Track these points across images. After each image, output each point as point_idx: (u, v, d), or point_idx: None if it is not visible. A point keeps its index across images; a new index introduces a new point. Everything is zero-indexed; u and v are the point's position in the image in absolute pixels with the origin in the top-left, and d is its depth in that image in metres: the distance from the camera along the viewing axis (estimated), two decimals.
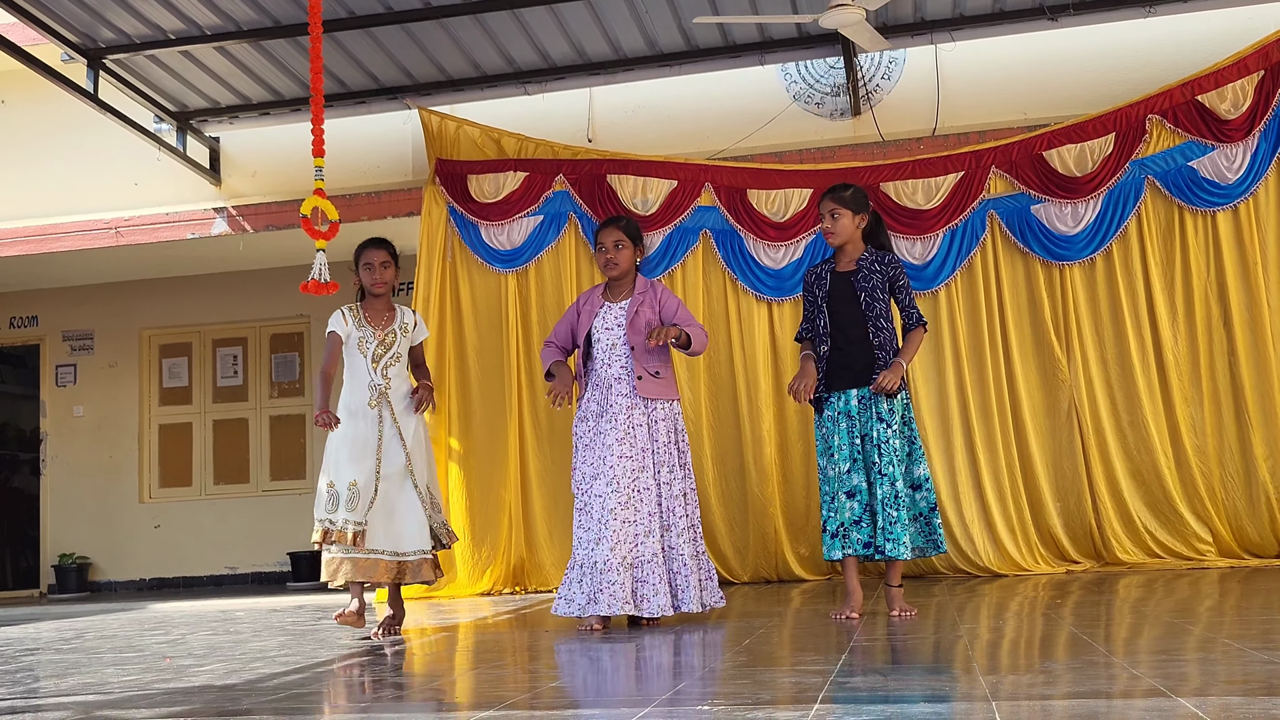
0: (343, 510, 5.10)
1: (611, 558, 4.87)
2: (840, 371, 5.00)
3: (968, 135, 7.85)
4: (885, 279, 5.00)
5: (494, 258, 7.99)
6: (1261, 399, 7.09)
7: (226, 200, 8.96)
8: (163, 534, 11.27)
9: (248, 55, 7.94)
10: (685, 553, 5.02)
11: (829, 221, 5.06)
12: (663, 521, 5.03)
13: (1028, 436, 7.33)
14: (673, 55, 8.11)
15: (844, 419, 4.94)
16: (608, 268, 5.25)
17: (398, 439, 5.24)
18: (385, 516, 5.15)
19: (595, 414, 5.12)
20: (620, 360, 5.13)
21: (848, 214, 5.04)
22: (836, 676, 3.20)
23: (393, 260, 5.45)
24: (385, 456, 5.18)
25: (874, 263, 5.03)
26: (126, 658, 4.76)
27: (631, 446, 5.01)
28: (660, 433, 5.09)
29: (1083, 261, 7.36)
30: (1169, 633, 3.98)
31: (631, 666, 3.83)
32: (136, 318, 11.55)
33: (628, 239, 5.24)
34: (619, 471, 4.96)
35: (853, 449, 4.91)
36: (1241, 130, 7.21)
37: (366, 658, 4.40)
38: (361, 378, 5.32)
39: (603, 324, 5.20)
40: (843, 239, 5.06)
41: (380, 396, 5.28)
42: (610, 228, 5.29)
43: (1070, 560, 7.19)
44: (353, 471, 5.13)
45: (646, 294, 5.24)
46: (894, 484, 4.83)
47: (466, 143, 8.15)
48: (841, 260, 5.11)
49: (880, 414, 4.90)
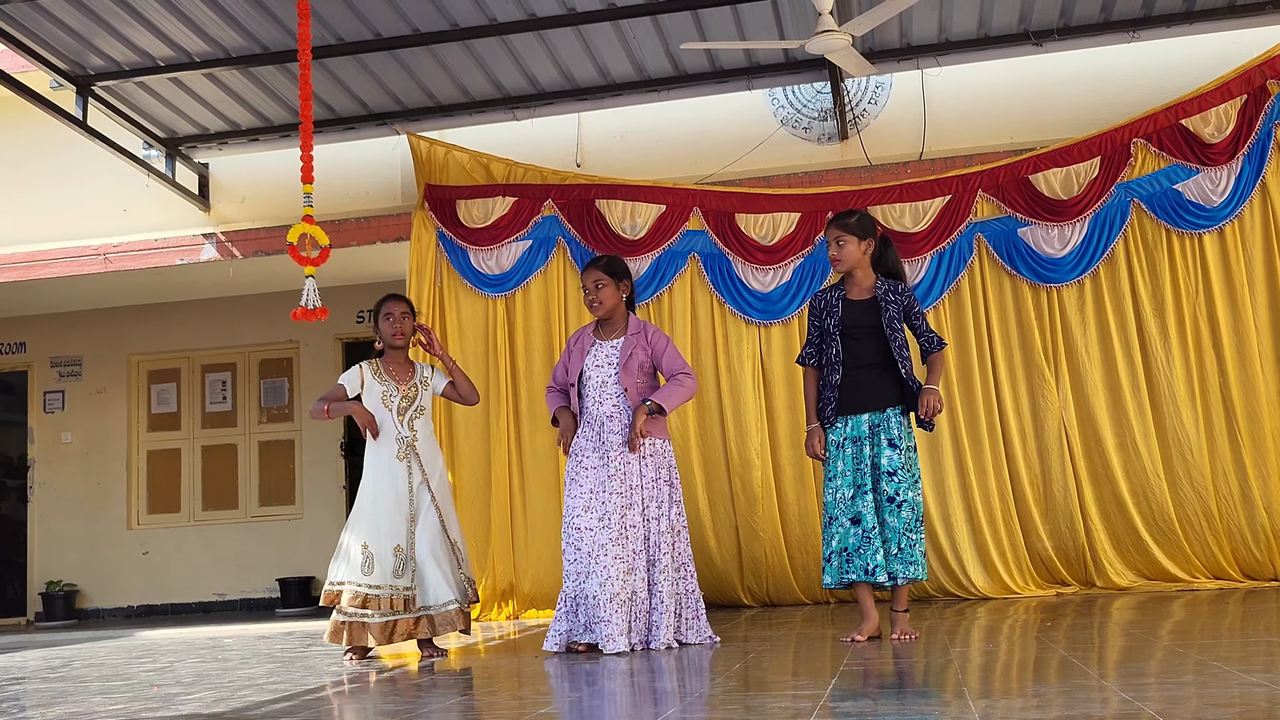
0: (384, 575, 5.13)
1: (601, 594, 4.91)
2: (853, 398, 5.00)
3: (954, 159, 7.89)
4: (900, 308, 5.03)
5: (483, 282, 7.99)
6: (1250, 421, 7.11)
7: (215, 226, 8.96)
8: (151, 561, 11.21)
9: (237, 82, 7.96)
10: (664, 590, 5.04)
11: (835, 249, 5.08)
12: (649, 557, 5.07)
13: (1017, 459, 7.34)
14: (660, 80, 8.14)
15: (850, 444, 4.95)
16: (593, 308, 5.32)
17: (427, 491, 5.27)
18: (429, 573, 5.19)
19: (585, 449, 5.17)
20: (611, 399, 5.18)
21: (853, 240, 5.06)
22: (827, 701, 3.20)
23: (411, 312, 5.46)
24: (418, 513, 5.22)
25: (889, 292, 5.05)
26: (114, 686, 4.73)
27: (622, 483, 5.07)
28: (649, 469, 5.14)
29: (1070, 284, 7.39)
30: (1162, 656, 3.98)
31: (622, 693, 3.81)
32: (125, 344, 11.53)
33: (608, 277, 5.27)
34: (610, 508, 5.01)
35: (858, 475, 4.91)
36: (1225, 154, 7.26)
37: (355, 685, 4.38)
38: (389, 431, 5.31)
39: (594, 362, 5.26)
40: (849, 265, 5.08)
41: (408, 449, 5.30)
42: (591, 269, 5.34)
43: (1061, 583, 7.19)
44: (394, 533, 5.17)
45: (639, 335, 5.29)
46: (913, 509, 4.86)
47: (455, 168, 8.17)
48: (853, 288, 5.12)
49: (892, 440, 4.91)
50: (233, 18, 7.16)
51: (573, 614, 5.08)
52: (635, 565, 5.01)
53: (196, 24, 7.22)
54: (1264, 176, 7.24)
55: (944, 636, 5.05)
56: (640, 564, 5.03)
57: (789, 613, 6.96)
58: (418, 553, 5.18)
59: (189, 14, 7.12)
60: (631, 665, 4.50)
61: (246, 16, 7.16)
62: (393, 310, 5.42)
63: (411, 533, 5.18)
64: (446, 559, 5.23)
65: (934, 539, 7.27)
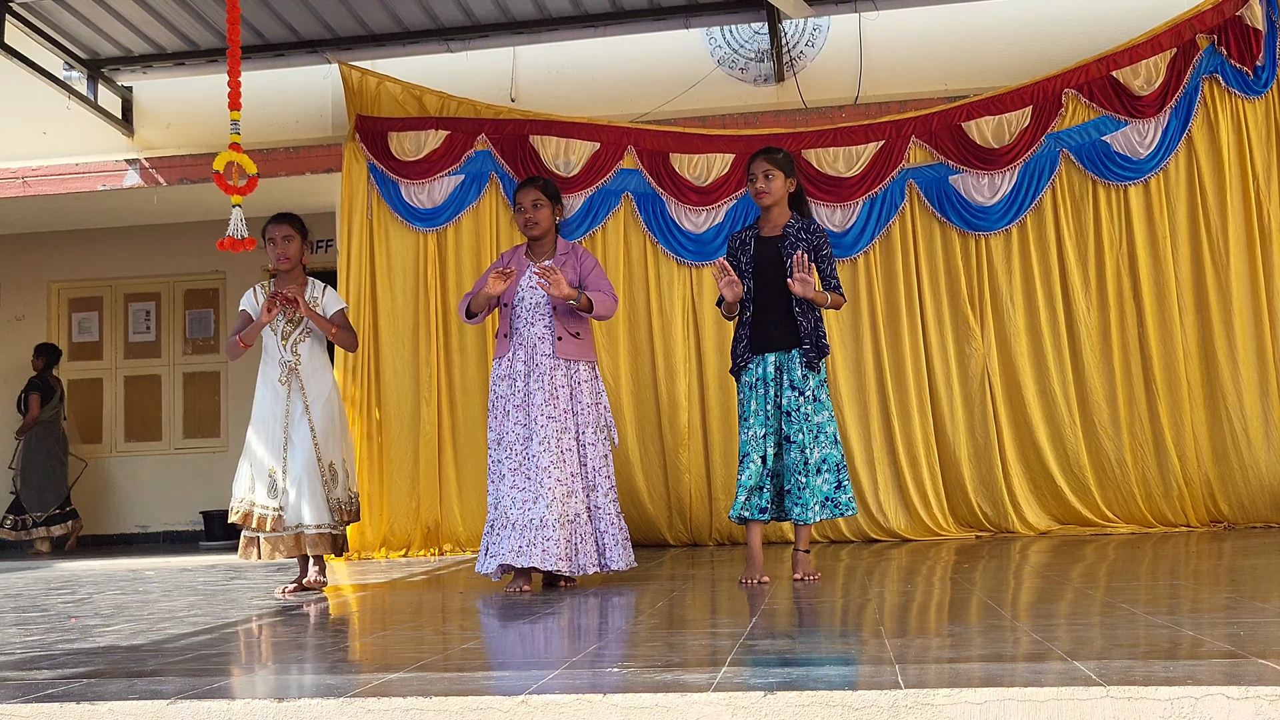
0: (262, 495, 5.25)
1: (548, 514, 4.91)
2: (760, 337, 5.03)
3: (889, 105, 7.91)
4: (810, 247, 5.02)
5: (414, 216, 7.90)
6: (1167, 371, 7.26)
7: (139, 152, 8.74)
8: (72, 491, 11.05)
9: (162, 3, 7.73)
10: (611, 511, 5.10)
11: (762, 182, 5.06)
12: (587, 482, 5.08)
13: (941, 403, 7.45)
14: (598, 16, 8.05)
15: (760, 385, 4.98)
16: (527, 227, 5.27)
17: (305, 416, 5.30)
18: (293, 494, 5.26)
19: (522, 374, 5.12)
20: (544, 320, 5.15)
21: (780, 175, 5.06)
22: (746, 639, 3.25)
23: (298, 234, 5.45)
24: (292, 435, 5.29)
25: (800, 230, 5.05)
26: (30, 618, 4.67)
27: (555, 407, 5.05)
28: (584, 394, 5.14)
29: (998, 232, 7.47)
30: (1072, 597, 4.09)
31: (546, 629, 3.84)
32: (45, 270, 11.27)
33: (546, 199, 5.26)
34: (549, 431, 5.00)
35: (766, 414, 4.95)
36: (1154, 106, 7.35)
37: (278, 618, 4.37)
38: (272, 354, 5.39)
39: (527, 283, 5.22)
40: (774, 199, 5.08)
41: (290, 373, 5.35)
42: (528, 188, 5.30)
43: (980, 526, 7.34)
44: (269, 457, 5.28)
45: (569, 256, 5.27)
46: (803, 450, 4.88)
47: (388, 99, 8.03)
48: (766, 225, 5.13)
49: (794, 382, 4.94)
50: None
51: (509, 538, 4.95)
52: (574, 488, 5.01)
53: None
54: (1190, 130, 7.34)
55: (862, 577, 5.14)
56: (578, 487, 5.03)
57: (710, 553, 7.04)
58: (289, 477, 5.27)
59: None
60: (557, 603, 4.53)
61: None
62: (275, 234, 5.41)
63: (284, 457, 5.27)
64: (314, 482, 5.27)
65: (856, 481, 7.37)
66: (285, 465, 5.26)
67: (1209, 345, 7.24)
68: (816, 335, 4.98)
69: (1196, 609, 3.59)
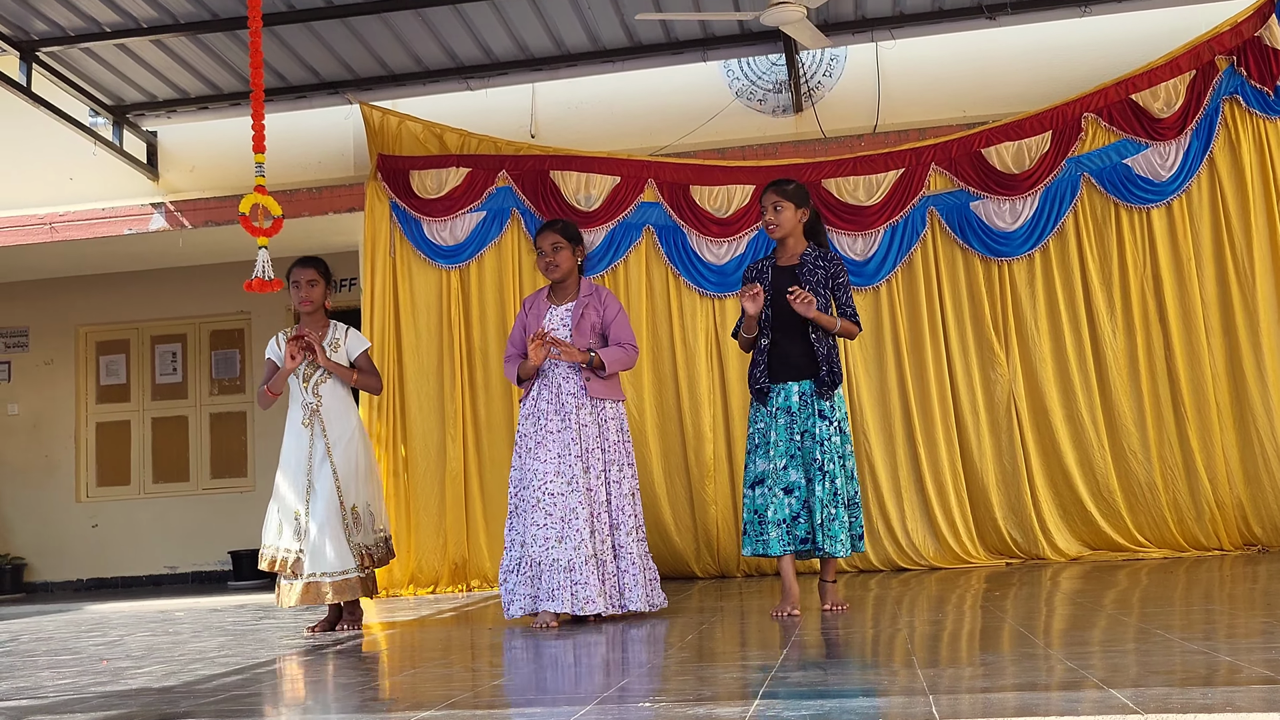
0: (288, 538, 5.24)
1: (575, 556, 4.90)
2: (781, 366, 5.02)
3: (908, 133, 7.92)
4: (828, 275, 5.03)
5: (437, 254, 7.95)
6: (1196, 394, 7.21)
7: (165, 195, 8.84)
8: (100, 533, 11.11)
9: (185, 49, 7.83)
10: (635, 551, 5.10)
11: (771, 214, 5.08)
12: (612, 520, 5.08)
13: (968, 430, 7.41)
14: (615, 51, 8.10)
15: (783, 414, 4.97)
16: (549, 270, 5.30)
17: (326, 459, 5.30)
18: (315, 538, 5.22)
19: (547, 413, 5.13)
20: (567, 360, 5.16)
21: (790, 207, 5.07)
22: (778, 672, 3.23)
23: (322, 279, 5.47)
24: (314, 479, 5.28)
25: (818, 259, 5.05)
26: (62, 660, 4.69)
27: (580, 445, 5.06)
28: (610, 431, 5.16)
29: (1021, 258, 7.46)
30: (1105, 624, 4.05)
31: (575, 663, 3.83)
32: (73, 314, 11.38)
33: (565, 241, 5.27)
34: (576, 470, 5.01)
35: (790, 445, 4.93)
36: (1174, 129, 7.34)
37: (308, 658, 4.37)
38: (295, 396, 5.41)
39: (549, 325, 5.25)
40: (785, 231, 5.09)
41: (312, 414, 5.36)
42: (547, 232, 5.31)
43: (1009, 553, 7.29)
44: (295, 500, 5.27)
45: (592, 299, 5.29)
46: (834, 481, 4.87)
47: (409, 138, 8.10)
48: (783, 255, 5.14)
49: (822, 410, 4.93)
50: None
51: (536, 579, 4.98)
52: (598, 528, 5.02)
53: None
54: (1211, 152, 7.32)
55: (892, 606, 5.11)
56: (602, 527, 5.03)
57: (739, 584, 7.01)
58: (312, 521, 5.23)
59: None
60: (586, 637, 4.52)
61: None
62: (299, 278, 5.44)
63: (307, 500, 5.26)
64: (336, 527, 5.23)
65: (883, 509, 7.35)
66: (308, 509, 5.25)
67: (1237, 367, 7.19)
68: (831, 361, 4.97)
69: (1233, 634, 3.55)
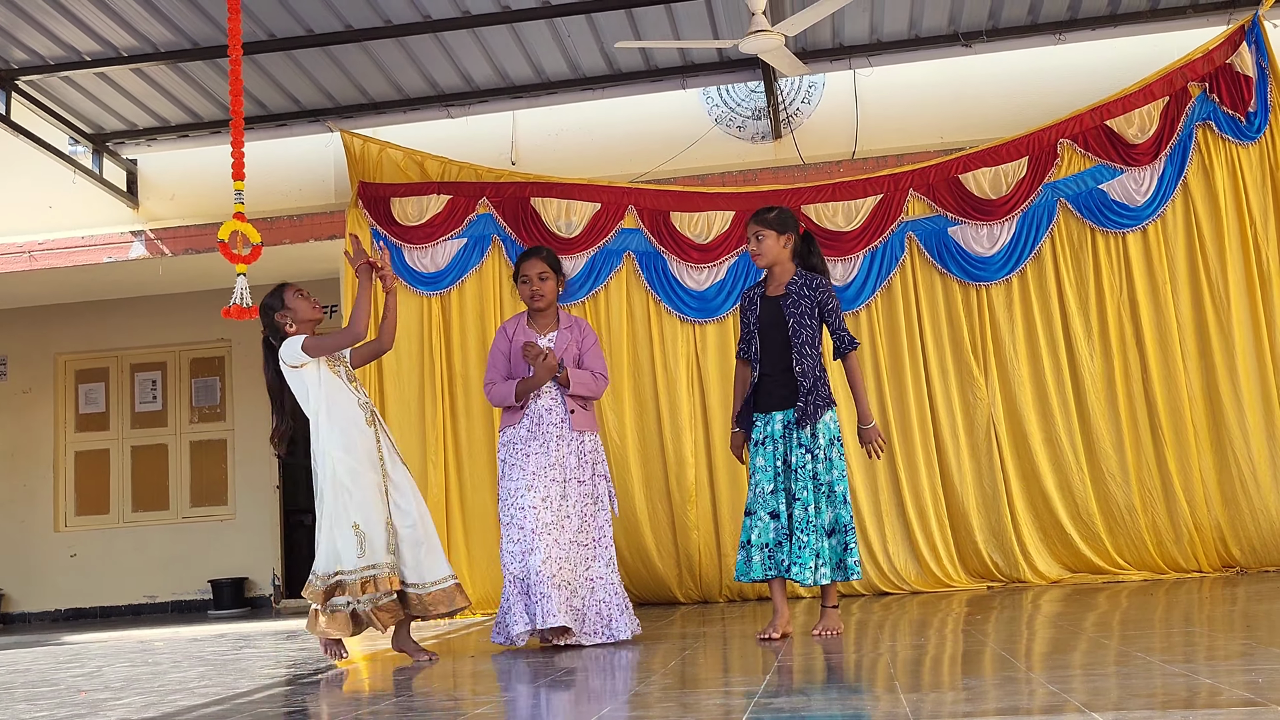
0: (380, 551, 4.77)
1: (543, 570, 4.90)
2: (767, 396, 5.05)
3: (886, 158, 7.98)
4: (814, 303, 5.02)
5: (417, 280, 7.95)
6: (1173, 417, 7.27)
7: (144, 223, 8.83)
8: (79, 563, 11.03)
9: (165, 77, 7.84)
10: (614, 581, 5.12)
11: (754, 244, 5.11)
12: (591, 552, 5.08)
13: (948, 454, 7.44)
14: (595, 79, 8.15)
15: (769, 442, 4.99)
16: (534, 300, 5.25)
17: (396, 454, 5.00)
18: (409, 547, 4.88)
19: (527, 439, 5.14)
20: (550, 391, 5.19)
21: (771, 235, 5.08)
22: (761, 697, 3.23)
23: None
24: (392, 480, 4.92)
25: (803, 287, 5.05)
26: (40, 693, 4.65)
27: (561, 473, 5.08)
28: (588, 464, 5.18)
29: (999, 282, 7.51)
30: (1086, 647, 4.06)
31: (559, 692, 3.82)
32: (51, 343, 11.33)
33: (550, 270, 5.26)
34: (552, 493, 5.03)
35: (776, 470, 4.95)
36: (1149, 154, 7.41)
37: (289, 688, 4.35)
38: (349, 397, 4.95)
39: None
40: (769, 260, 5.11)
41: (372, 414, 4.98)
42: (533, 259, 5.28)
43: (991, 577, 7.31)
44: (381, 507, 4.84)
45: (572, 329, 5.30)
46: (807, 509, 4.86)
47: (389, 165, 8.12)
48: (771, 284, 5.15)
49: (801, 440, 4.93)
50: (161, 12, 7.06)
51: (527, 595, 4.95)
52: (569, 554, 5.00)
53: (123, 18, 7.11)
54: (1185, 177, 7.41)
55: (874, 630, 5.11)
56: (575, 555, 5.02)
57: (722, 610, 7.01)
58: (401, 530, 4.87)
59: (115, 8, 7.00)
60: (569, 663, 4.51)
61: (175, 11, 7.06)
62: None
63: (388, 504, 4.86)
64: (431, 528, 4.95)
65: (864, 534, 7.36)
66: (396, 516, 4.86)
67: (1213, 390, 7.25)
68: (814, 394, 4.94)
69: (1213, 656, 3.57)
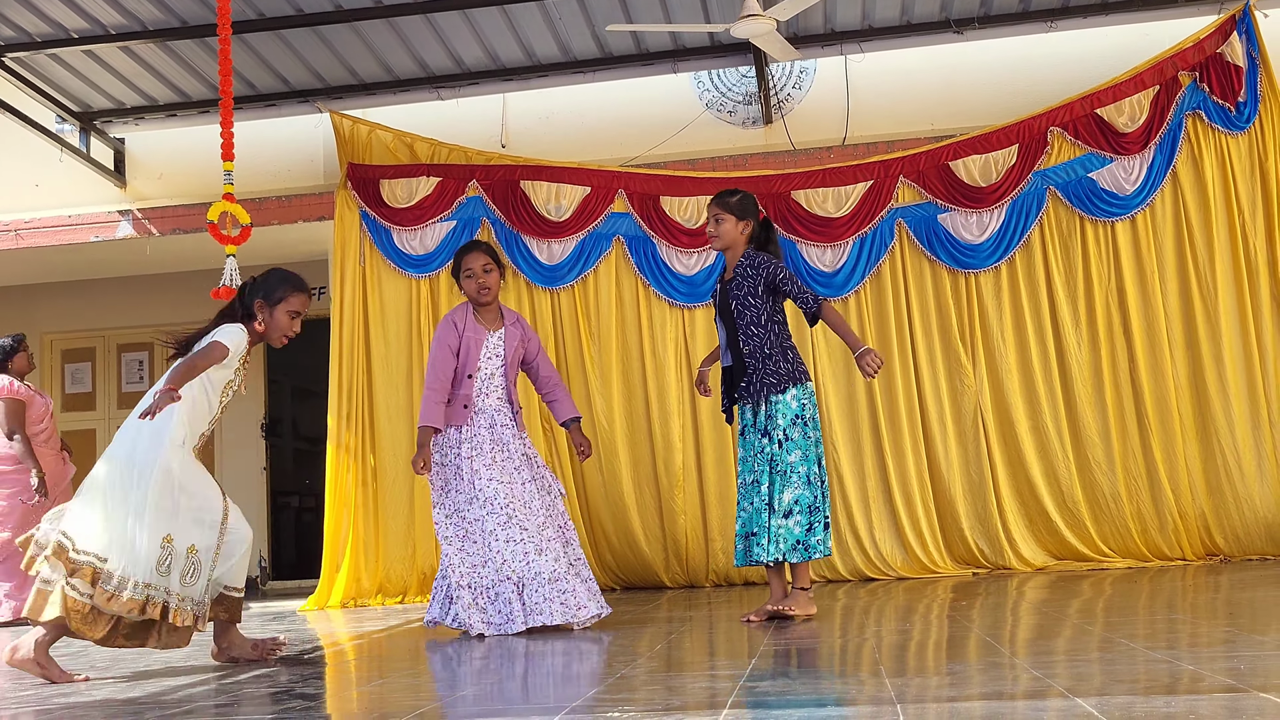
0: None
1: (558, 568, 4.90)
2: (728, 383, 5.07)
3: (876, 145, 7.98)
4: (759, 282, 4.90)
5: (406, 263, 7.93)
6: (1159, 405, 7.29)
7: (132, 203, 8.78)
8: None
9: (154, 56, 7.80)
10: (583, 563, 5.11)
11: (712, 226, 5.06)
12: (564, 537, 5.07)
13: (935, 441, 7.46)
14: (586, 62, 8.13)
15: (748, 431, 5.00)
16: (481, 293, 5.10)
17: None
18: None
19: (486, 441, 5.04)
20: (498, 390, 5.13)
21: (730, 219, 5.01)
22: (746, 681, 3.24)
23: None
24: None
25: (747, 268, 4.95)
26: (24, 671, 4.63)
27: (529, 470, 5.08)
28: (537, 457, 5.17)
29: (988, 270, 7.52)
30: (1070, 634, 4.08)
31: (545, 674, 3.83)
32: (38, 322, 11.26)
33: (494, 262, 5.15)
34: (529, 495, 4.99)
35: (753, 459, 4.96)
36: (1138, 143, 7.42)
37: (277, 666, 4.35)
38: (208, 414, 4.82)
39: (484, 353, 5.13)
40: (725, 243, 5.06)
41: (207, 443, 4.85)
42: (475, 252, 5.13)
43: (976, 563, 7.33)
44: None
45: (517, 326, 5.22)
46: (761, 490, 4.86)
47: (379, 147, 8.09)
48: (727, 270, 5.11)
49: (758, 423, 4.92)
50: None
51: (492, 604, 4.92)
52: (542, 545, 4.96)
53: None
54: (1175, 166, 7.42)
55: (860, 615, 5.13)
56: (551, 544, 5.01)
57: (708, 594, 7.02)
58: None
59: None
60: (554, 647, 4.52)
61: None
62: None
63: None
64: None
65: (851, 520, 7.38)
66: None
67: (1200, 379, 7.27)
68: (760, 374, 4.87)
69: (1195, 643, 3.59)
